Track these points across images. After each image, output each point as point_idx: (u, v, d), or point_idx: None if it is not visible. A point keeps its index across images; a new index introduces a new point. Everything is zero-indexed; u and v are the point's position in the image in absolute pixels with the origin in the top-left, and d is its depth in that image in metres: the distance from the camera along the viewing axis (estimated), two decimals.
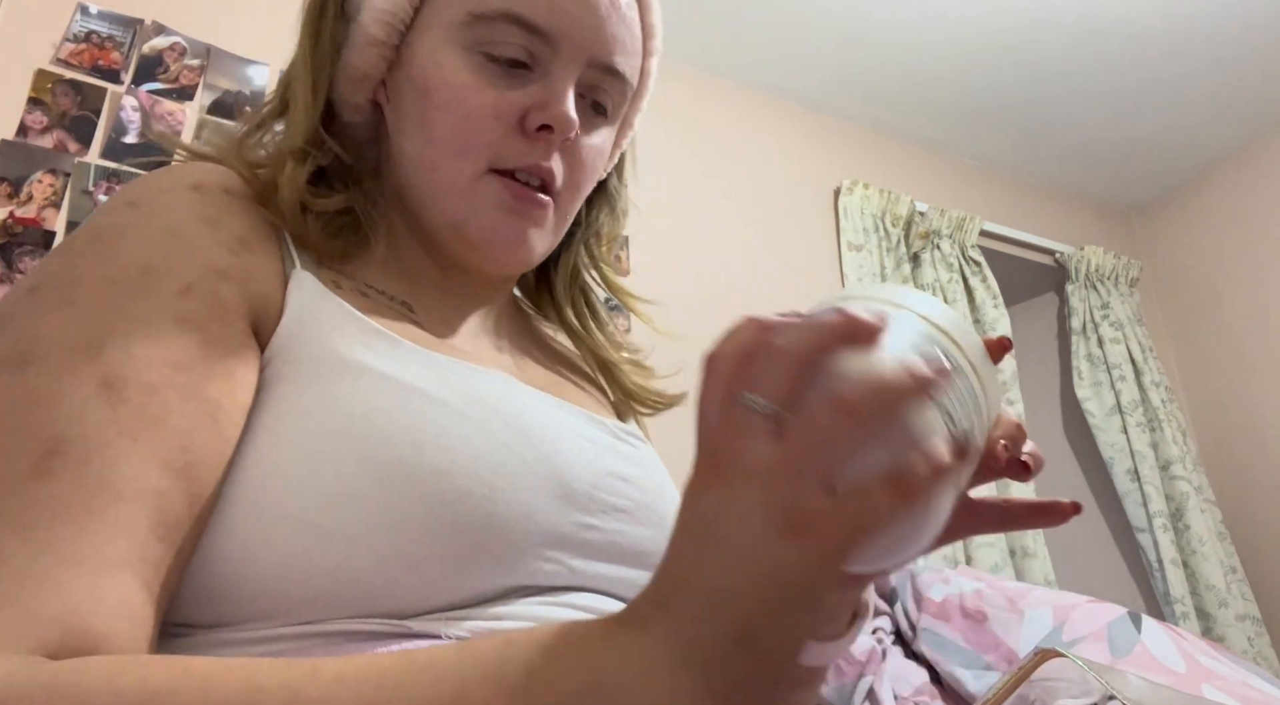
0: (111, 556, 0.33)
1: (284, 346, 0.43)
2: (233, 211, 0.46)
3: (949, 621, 1.15)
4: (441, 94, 0.51)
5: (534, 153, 0.52)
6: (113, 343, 0.37)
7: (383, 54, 0.54)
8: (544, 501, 0.43)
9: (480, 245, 0.54)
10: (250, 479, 0.39)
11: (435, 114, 0.52)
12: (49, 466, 0.33)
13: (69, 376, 0.36)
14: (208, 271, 0.42)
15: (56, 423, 0.35)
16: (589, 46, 0.52)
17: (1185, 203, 2.94)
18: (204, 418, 0.38)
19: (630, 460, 0.52)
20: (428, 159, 0.53)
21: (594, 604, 0.45)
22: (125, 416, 0.36)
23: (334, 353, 0.42)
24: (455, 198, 0.53)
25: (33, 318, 0.38)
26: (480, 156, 0.52)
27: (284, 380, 0.42)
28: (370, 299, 0.50)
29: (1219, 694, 0.83)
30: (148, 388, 0.37)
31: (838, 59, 2.35)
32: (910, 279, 2.39)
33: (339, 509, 0.38)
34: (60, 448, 0.34)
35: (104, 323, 0.38)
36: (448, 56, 0.51)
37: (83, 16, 1.53)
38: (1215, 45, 2.31)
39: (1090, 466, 2.71)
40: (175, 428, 0.37)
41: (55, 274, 0.40)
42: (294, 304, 0.44)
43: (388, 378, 0.42)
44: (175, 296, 0.40)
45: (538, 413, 0.48)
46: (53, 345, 0.37)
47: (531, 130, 0.51)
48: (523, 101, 0.51)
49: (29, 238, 1.36)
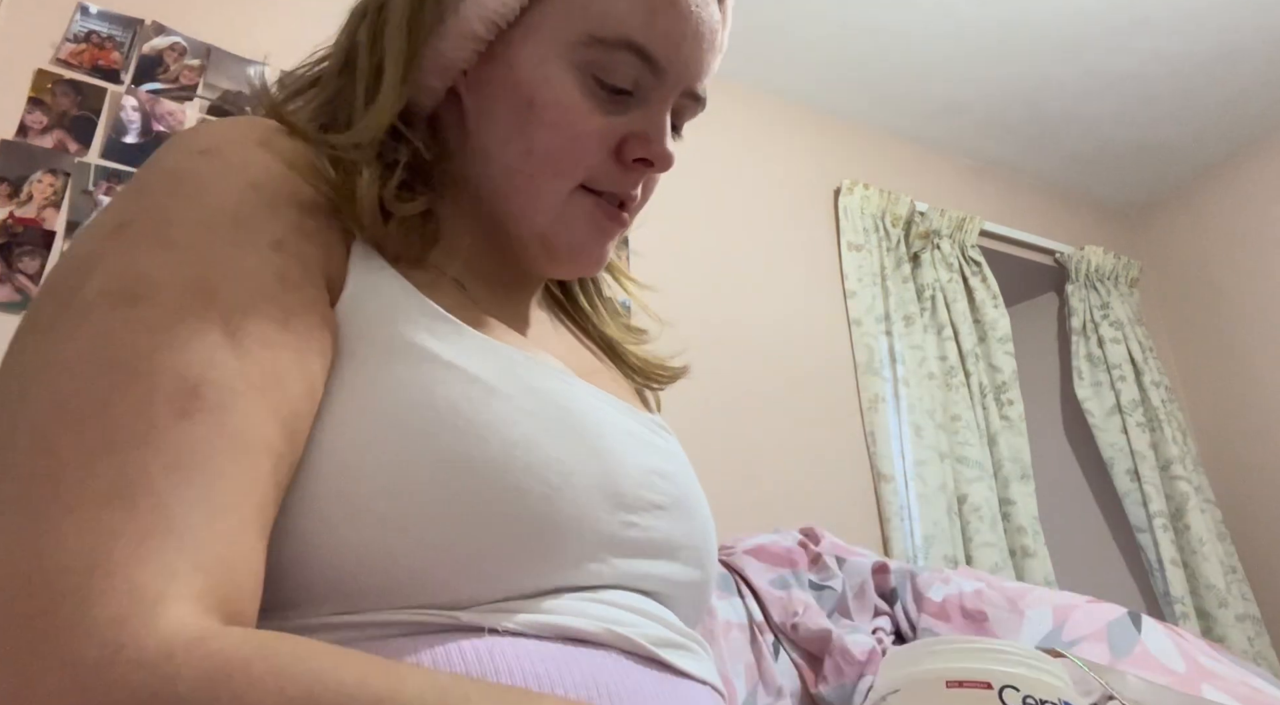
0: (248, 510, 0.33)
1: (347, 318, 0.42)
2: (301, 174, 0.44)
3: (949, 621, 1.15)
4: (551, 112, 0.50)
5: (627, 181, 0.53)
6: (226, 289, 0.36)
7: (476, 48, 0.52)
8: (597, 502, 0.43)
9: (564, 257, 0.54)
10: (312, 460, 0.38)
11: (540, 130, 0.51)
12: (189, 410, 0.32)
13: (189, 319, 0.35)
14: (292, 230, 0.41)
15: (188, 365, 0.33)
16: (690, 78, 0.53)
17: (1185, 203, 2.94)
18: (308, 383, 0.38)
19: (666, 455, 0.52)
20: (526, 171, 0.52)
21: (627, 601, 0.45)
22: (251, 370, 0.35)
23: (397, 334, 0.42)
24: (547, 212, 0.53)
25: (132, 253, 0.36)
26: (577, 175, 0.52)
27: (345, 356, 0.41)
28: (428, 273, 0.49)
29: (1219, 694, 0.83)
30: (265, 341, 0.36)
31: (838, 59, 2.35)
32: (910, 279, 2.39)
33: (398, 499, 0.37)
34: (198, 392, 0.33)
35: (210, 267, 0.37)
36: (559, 73, 0.50)
37: (83, 16, 1.53)
38: (1216, 45, 2.31)
39: (1090, 466, 2.71)
40: (289, 390, 0.36)
41: (140, 214, 0.38)
42: (356, 274, 0.44)
43: (450, 366, 0.42)
44: (269, 251, 0.39)
45: (589, 408, 0.48)
46: (162, 285, 0.35)
47: (629, 160, 0.52)
48: (624, 128, 0.52)
49: (29, 238, 1.36)
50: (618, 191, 0.53)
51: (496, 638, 0.38)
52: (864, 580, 1.26)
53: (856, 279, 2.29)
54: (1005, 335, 2.42)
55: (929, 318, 2.35)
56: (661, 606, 0.48)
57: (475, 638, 0.38)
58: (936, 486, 2.06)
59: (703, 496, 0.55)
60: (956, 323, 2.36)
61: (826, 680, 1.10)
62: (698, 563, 0.51)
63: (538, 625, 0.39)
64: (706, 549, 0.53)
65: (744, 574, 1.23)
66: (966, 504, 2.10)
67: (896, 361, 2.21)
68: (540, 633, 0.39)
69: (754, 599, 1.20)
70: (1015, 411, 2.32)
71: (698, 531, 0.52)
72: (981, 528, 2.07)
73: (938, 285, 2.40)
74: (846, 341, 2.24)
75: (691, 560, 0.50)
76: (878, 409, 2.13)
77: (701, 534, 0.52)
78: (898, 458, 2.10)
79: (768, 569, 1.25)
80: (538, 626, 0.39)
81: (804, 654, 1.15)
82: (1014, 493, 2.20)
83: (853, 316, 2.25)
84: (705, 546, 0.52)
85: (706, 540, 0.53)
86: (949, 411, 2.23)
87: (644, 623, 0.44)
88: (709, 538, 0.53)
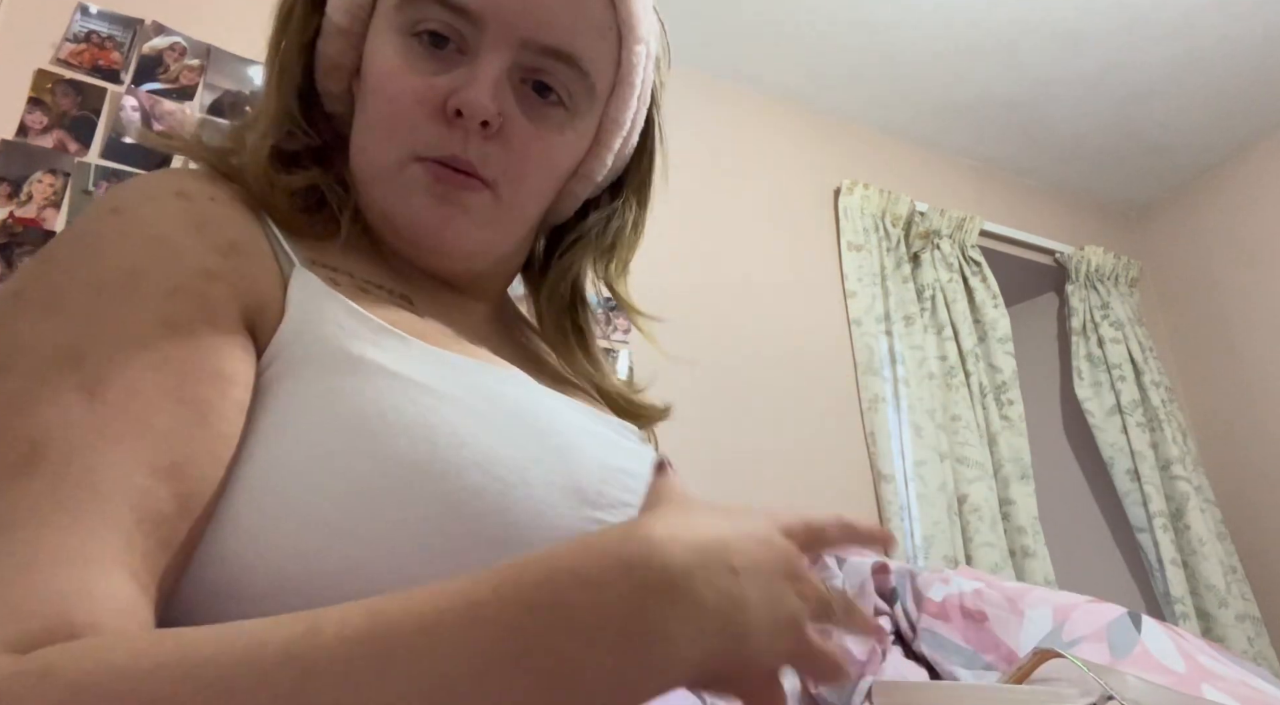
0: (96, 551, 0.33)
1: (288, 345, 0.42)
2: (220, 217, 0.45)
3: (949, 621, 1.15)
4: (375, 80, 0.51)
5: (451, 141, 0.50)
6: (95, 348, 0.37)
7: (350, 43, 0.54)
8: (556, 498, 0.43)
9: (408, 233, 0.53)
10: (256, 476, 0.38)
11: (371, 100, 0.51)
12: (29, 469, 0.33)
13: (49, 382, 0.35)
14: (195, 273, 0.41)
15: (36, 426, 0.34)
16: (518, 25, 0.50)
17: (1185, 203, 2.94)
18: (192, 417, 0.38)
19: (634, 457, 0.52)
20: (362, 144, 0.53)
21: None
22: (106, 419, 0.35)
23: (342, 350, 0.42)
24: (382, 184, 0.52)
25: (14, 325, 0.38)
26: (404, 143, 0.50)
27: (289, 378, 0.41)
28: (371, 294, 0.49)
29: (1219, 694, 0.83)
30: (129, 390, 0.36)
31: (838, 59, 2.35)
32: (910, 279, 2.38)
33: (350, 507, 0.38)
34: (40, 450, 0.33)
35: (87, 329, 0.37)
36: (384, 42, 0.51)
37: (83, 16, 1.53)
38: (1216, 45, 2.31)
39: (1090, 466, 2.71)
40: (160, 429, 0.36)
41: (38, 280, 0.40)
42: (296, 302, 0.44)
43: (397, 375, 0.42)
44: (161, 299, 0.40)
45: (546, 408, 0.48)
46: (33, 353, 0.36)
47: (450, 116, 0.50)
48: (449, 85, 0.50)
49: (29, 238, 1.36)
50: (444, 153, 0.50)
51: None
52: (864, 580, 1.26)
53: (856, 279, 2.29)
54: (1005, 335, 2.42)
55: (929, 318, 2.35)
56: None
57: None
58: (936, 486, 2.06)
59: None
60: (956, 323, 2.36)
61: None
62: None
63: None
64: None
65: None
66: (966, 504, 2.10)
67: (896, 361, 2.21)
68: None
69: None
70: (1015, 411, 2.32)
71: None
72: (981, 528, 2.07)
73: (938, 285, 2.39)
74: (846, 341, 2.24)
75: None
76: (878, 409, 2.13)
77: None
78: (898, 458, 2.10)
79: None
80: None
81: None
82: (1014, 493, 2.20)
83: (853, 316, 2.25)
84: None
85: None
86: (949, 411, 2.23)
87: None
88: None
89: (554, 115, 0.54)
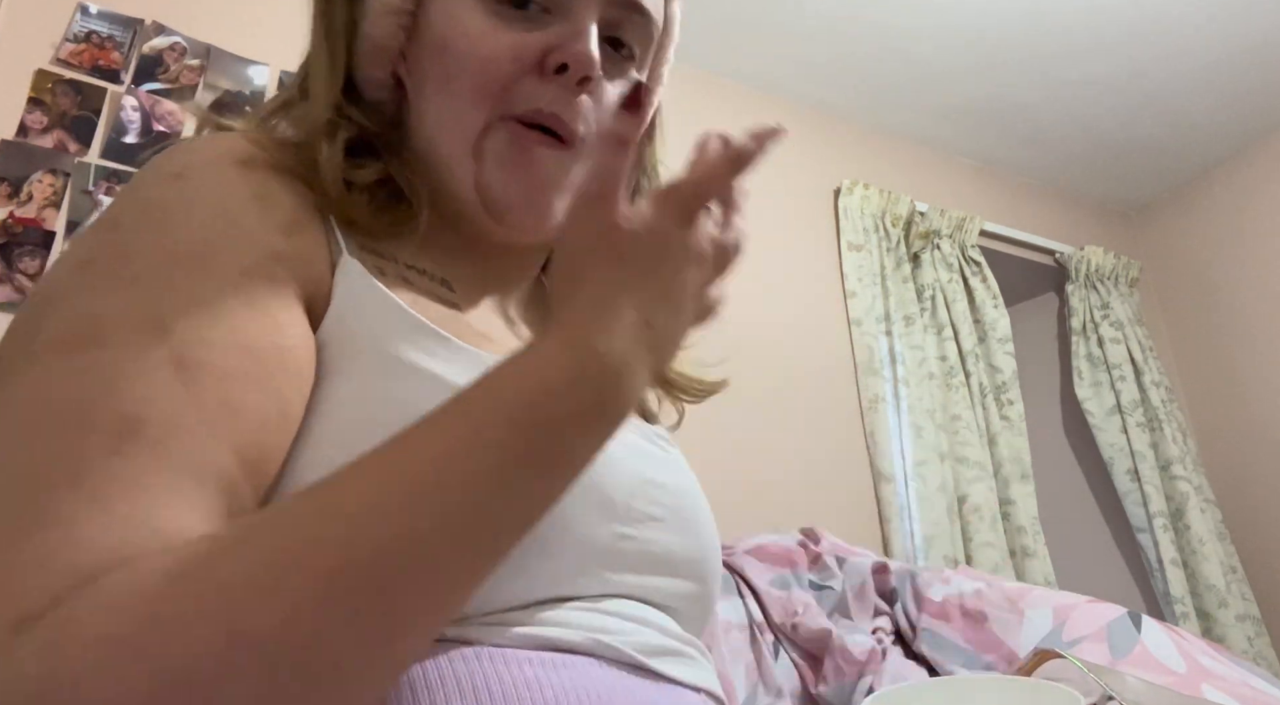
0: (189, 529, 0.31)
1: (332, 337, 0.42)
2: (281, 190, 0.44)
3: (949, 621, 1.15)
4: (460, 43, 0.49)
5: (549, 93, 0.49)
6: (182, 323, 0.36)
7: (400, 22, 0.53)
8: (583, 513, 0.42)
9: (497, 206, 0.51)
10: (299, 476, 0.38)
11: (453, 64, 0.50)
12: (126, 447, 0.31)
13: (139, 357, 0.34)
14: (264, 253, 0.40)
15: (131, 404, 0.32)
16: None
17: (1185, 203, 2.94)
18: (275, 411, 0.37)
19: (663, 466, 0.51)
20: (449, 109, 0.51)
21: (629, 610, 0.44)
22: (202, 401, 0.34)
23: (383, 349, 0.42)
24: (468, 156, 0.51)
25: (89, 295, 0.36)
26: (497, 104, 0.49)
27: (333, 374, 0.41)
28: (414, 285, 0.49)
29: (1219, 694, 0.83)
30: (222, 373, 0.35)
31: (838, 59, 2.35)
32: (910, 279, 2.38)
33: None
34: (136, 428, 0.32)
35: (168, 301, 0.36)
36: (462, 9, 0.50)
37: (83, 16, 1.53)
38: (1216, 46, 2.31)
39: (1090, 466, 2.71)
40: (249, 419, 0.35)
41: (106, 248, 0.38)
42: (341, 293, 0.43)
43: (436, 379, 0.41)
44: (237, 277, 0.38)
45: None
46: (117, 324, 0.35)
47: (550, 72, 0.49)
48: (544, 42, 0.49)
49: (29, 238, 1.36)
50: (542, 107, 0.49)
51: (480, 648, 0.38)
52: (864, 580, 1.26)
53: (856, 279, 2.29)
54: (1005, 335, 2.42)
55: (929, 318, 2.35)
56: (662, 614, 0.47)
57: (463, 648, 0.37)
58: (936, 486, 2.06)
59: (705, 507, 0.53)
60: (956, 323, 2.36)
61: (826, 680, 1.10)
62: (698, 577, 0.50)
63: (519, 637, 0.39)
64: (707, 562, 0.51)
65: (744, 574, 1.23)
66: (966, 504, 2.10)
67: (896, 361, 2.21)
68: (520, 644, 0.39)
69: (754, 599, 1.20)
70: (1015, 411, 2.32)
71: (697, 544, 0.50)
72: (981, 528, 2.07)
73: (938, 285, 2.39)
74: (846, 341, 2.24)
75: (692, 574, 0.49)
76: (878, 409, 2.13)
77: (700, 547, 0.51)
78: (898, 458, 2.10)
79: (768, 569, 1.25)
80: (518, 639, 0.39)
81: (804, 654, 1.15)
82: (1014, 493, 2.20)
83: (853, 316, 2.25)
84: (705, 559, 0.51)
85: (706, 553, 0.51)
86: (949, 411, 2.23)
87: (638, 630, 0.44)
88: (709, 550, 0.52)
89: (627, 68, 0.54)
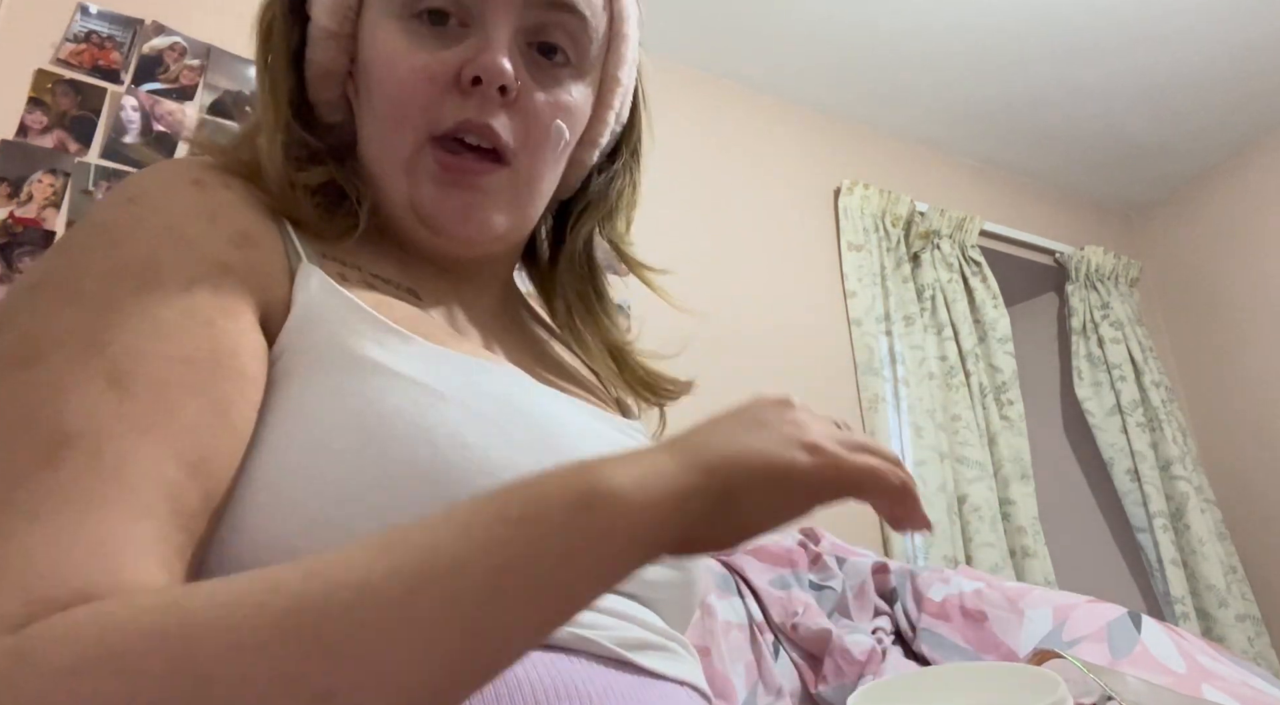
0: (128, 540, 0.32)
1: (293, 342, 0.42)
2: (234, 206, 0.45)
3: (949, 621, 1.15)
4: (380, 68, 0.50)
5: (469, 108, 0.49)
6: (119, 338, 0.36)
7: (340, 46, 0.53)
8: None
9: (432, 222, 0.52)
10: (262, 476, 0.38)
11: (378, 88, 0.51)
12: (58, 459, 0.32)
13: (75, 372, 0.35)
14: (211, 266, 0.41)
15: (65, 417, 0.33)
16: None
17: (1185, 203, 2.94)
18: (215, 415, 0.37)
19: None
20: (373, 137, 0.52)
21: (611, 605, 0.44)
22: (135, 411, 0.35)
23: (345, 349, 0.42)
24: (401, 174, 0.51)
25: (35, 315, 0.37)
26: (420, 125, 0.50)
27: (294, 376, 0.41)
28: (378, 290, 0.49)
29: (1219, 694, 0.83)
30: (157, 383, 0.36)
31: (838, 59, 2.35)
32: (910, 279, 2.39)
33: (351, 508, 0.37)
34: (70, 440, 0.33)
35: (108, 318, 0.37)
36: (382, 30, 0.51)
37: (83, 16, 1.53)
38: (1216, 46, 2.31)
39: (1090, 466, 2.71)
40: (186, 423, 0.36)
41: (56, 270, 0.39)
42: (301, 299, 0.44)
43: (399, 375, 0.42)
44: (180, 291, 0.39)
45: (550, 409, 0.47)
46: (57, 342, 0.36)
47: (466, 86, 0.49)
48: (460, 57, 0.49)
49: (29, 238, 1.36)
50: (471, 117, 0.50)
51: None
52: (864, 580, 1.26)
53: (856, 279, 2.29)
54: (1005, 335, 2.42)
55: (929, 318, 2.35)
56: (643, 607, 0.47)
57: None
58: (936, 486, 2.06)
59: None
60: (956, 323, 2.36)
61: (826, 680, 1.10)
62: (677, 563, 0.50)
63: None
64: None
65: (744, 574, 1.23)
66: (966, 504, 2.10)
67: (896, 361, 2.21)
68: None
69: (754, 599, 1.20)
70: (1015, 411, 2.32)
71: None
72: (981, 528, 2.07)
73: (938, 285, 2.40)
74: (846, 341, 2.24)
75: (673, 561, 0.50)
76: (878, 409, 2.13)
77: None
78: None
79: (768, 569, 1.25)
80: None
81: (804, 654, 1.15)
82: (1014, 493, 2.20)
83: (853, 316, 2.25)
84: None
85: None
86: (949, 411, 2.23)
87: (618, 625, 0.44)
88: None
89: (562, 75, 0.54)
